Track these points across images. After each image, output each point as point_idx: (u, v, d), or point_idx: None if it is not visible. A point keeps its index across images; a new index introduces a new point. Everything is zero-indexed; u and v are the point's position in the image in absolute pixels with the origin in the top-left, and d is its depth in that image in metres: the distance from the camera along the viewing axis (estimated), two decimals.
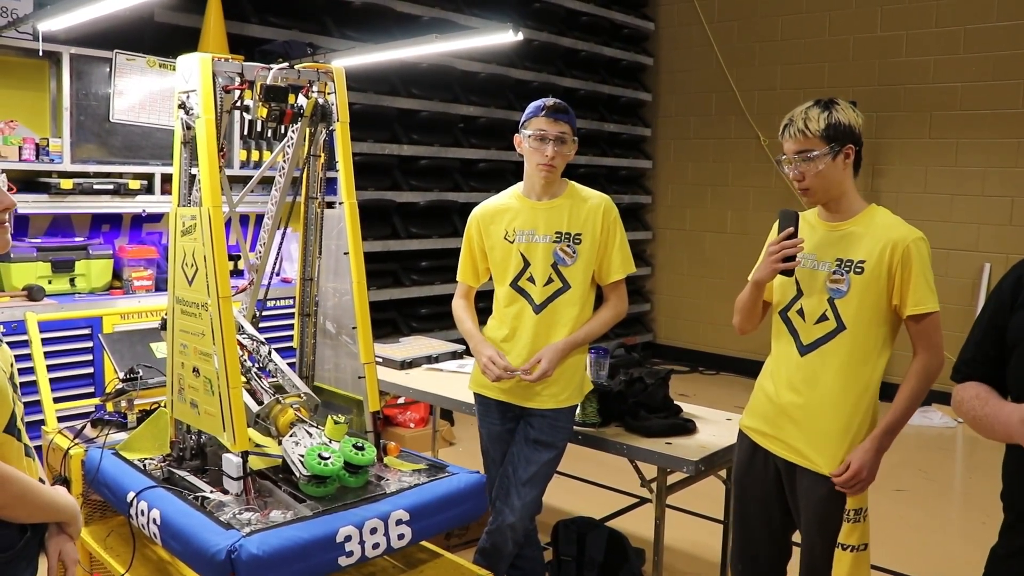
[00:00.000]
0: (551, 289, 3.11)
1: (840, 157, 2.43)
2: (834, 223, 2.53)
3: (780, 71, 7.93)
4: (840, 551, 2.46)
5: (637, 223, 8.94)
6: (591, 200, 3.14)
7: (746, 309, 2.67)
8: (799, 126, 2.43)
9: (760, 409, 2.67)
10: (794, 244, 2.46)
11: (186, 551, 2.30)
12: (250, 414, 2.60)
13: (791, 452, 2.56)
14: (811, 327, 2.53)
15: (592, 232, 3.10)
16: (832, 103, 2.46)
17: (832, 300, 2.48)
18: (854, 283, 2.44)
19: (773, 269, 2.49)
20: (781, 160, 2.51)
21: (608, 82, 8.45)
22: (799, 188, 2.49)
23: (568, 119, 3.07)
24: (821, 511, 2.51)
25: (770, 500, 2.67)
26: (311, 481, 2.42)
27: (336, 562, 2.31)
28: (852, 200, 2.52)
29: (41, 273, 4.13)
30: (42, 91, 4.39)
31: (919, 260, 2.41)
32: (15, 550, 1.74)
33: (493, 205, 3.26)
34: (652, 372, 3.51)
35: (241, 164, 4.89)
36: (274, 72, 2.70)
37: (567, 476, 5.41)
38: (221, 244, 2.52)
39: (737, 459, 2.77)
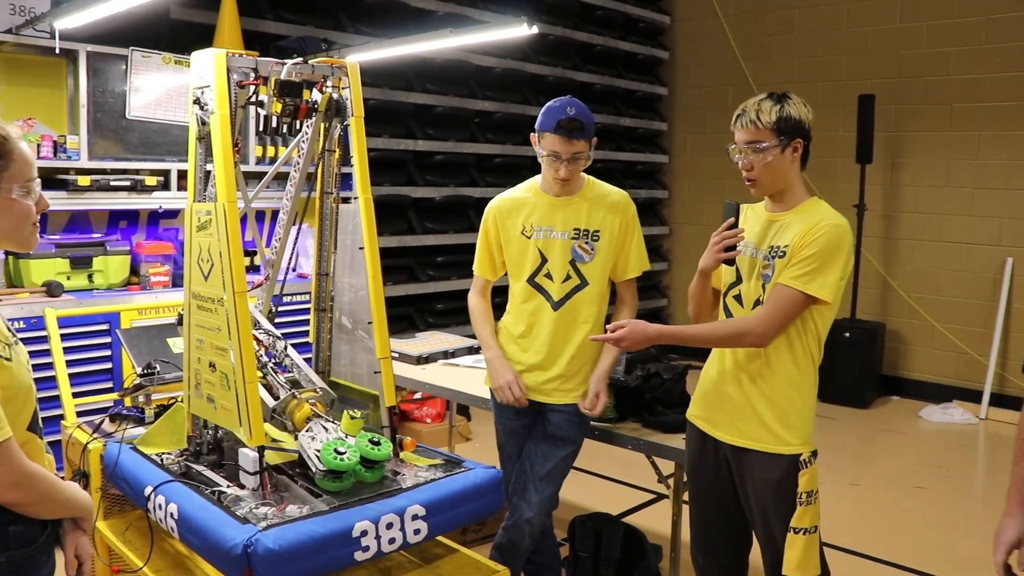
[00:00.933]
0: (569, 286, 3.09)
1: (788, 150, 2.48)
2: (776, 213, 2.59)
3: (798, 64, 7.88)
4: (792, 535, 2.48)
5: (654, 218, 8.90)
6: (610, 196, 3.11)
7: (695, 297, 2.75)
8: (751, 117, 2.47)
9: (705, 396, 2.71)
10: (734, 234, 2.54)
11: (203, 545, 2.31)
12: (266, 409, 2.60)
13: (739, 436, 2.58)
14: (748, 311, 2.59)
15: (611, 229, 3.07)
16: (785, 97, 2.50)
17: (764, 285, 2.55)
18: (776, 267, 2.51)
19: (716, 259, 2.57)
20: (731, 149, 2.55)
21: (624, 76, 8.41)
22: (746, 178, 2.54)
23: (584, 135, 2.94)
24: (775, 495, 2.52)
25: (724, 489, 2.67)
26: (327, 476, 2.42)
27: (352, 557, 2.31)
28: (796, 192, 2.56)
29: (60, 269, 4.15)
30: (60, 89, 4.41)
31: (824, 240, 2.41)
32: (37, 544, 1.77)
33: (510, 198, 3.23)
34: (669, 367, 3.49)
35: (257, 160, 4.90)
36: (288, 67, 2.70)
37: (584, 472, 5.40)
38: (236, 239, 2.52)
39: (689, 450, 2.79)
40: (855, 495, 5.15)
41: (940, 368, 7.26)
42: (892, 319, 7.48)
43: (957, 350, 7.11)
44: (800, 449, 2.51)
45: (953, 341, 7.12)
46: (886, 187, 7.47)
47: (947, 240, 7.22)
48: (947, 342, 7.17)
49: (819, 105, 7.63)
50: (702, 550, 2.79)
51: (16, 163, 1.71)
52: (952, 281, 7.19)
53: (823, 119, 7.55)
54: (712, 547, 2.77)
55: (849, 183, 7.31)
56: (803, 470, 2.50)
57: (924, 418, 6.75)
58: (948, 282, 7.21)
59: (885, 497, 5.13)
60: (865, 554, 4.27)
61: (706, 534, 2.77)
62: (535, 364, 3.10)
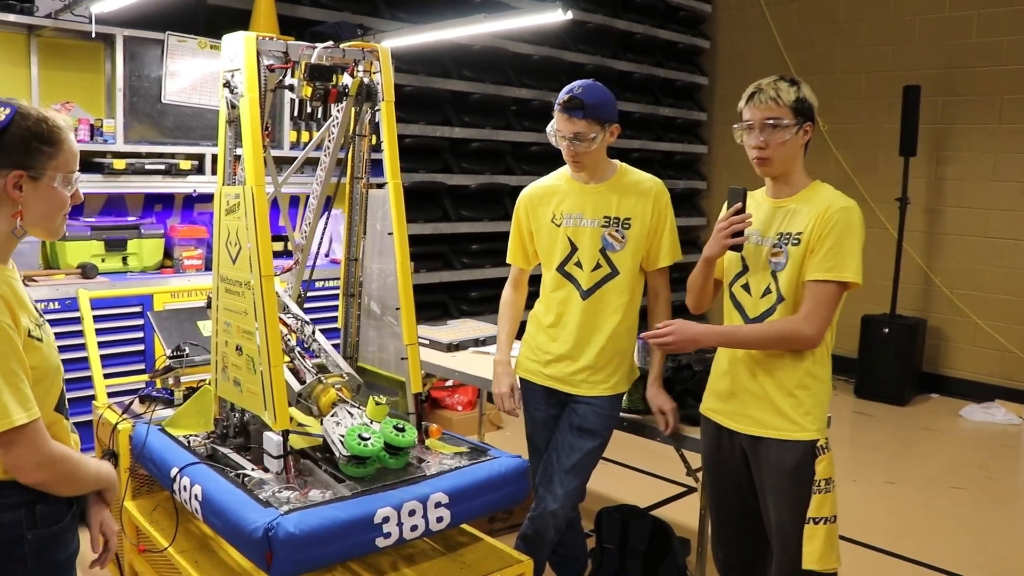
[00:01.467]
0: (599, 275, 3.04)
1: (800, 132, 2.47)
2: (779, 199, 2.56)
3: (840, 54, 7.72)
4: (812, 526, 2.44)
5: (691, 209, 8.81)
6: (643, 184, 3.06)
7: (697, 287, 2.70)
8: (770, 94, 2.45)
9: (718, 388, 2.68)
10: (742, 220, 2.50)
11: (225, 527, 2.32)
12: (292, 393, 2.60)
13: (754, 425, 2.55)
14: (757, 301, 2.56)
15: (643, 217, 3.02)
16: (797, 81, 2.50)
17: (774, 273, 2.51)
18: (791, 255, 2.48)
19: (723, 245, 2.53)
20: (739, 128, 2.53)
21: (663, 65, 8.32)
22: (758, 157, 2.50)
23: (583, 115, 2.88)
24: (791, 483, 2.48)
25: (741, 481, 2.65)
26: (351, 461, 2.41)
27: (374, 543, 2.30)
28: (800, 177, 2.55)
29: (95, 252, 4.20)
30: (98, 73, 4.44)
31: (840, 226, 2.41)
32: (63, 523, 1.80)
33: (541, 186, 3.19)
34: (701, 359, 3.43)
35: (291, 145, 4.91)
36: (318, 51, 2.69)
37: (612, 462, 5.36)
38: (264, 223, 2.51)
39: (704, 444, 2.77)
40: (890, 493, 5.05)
41: (982, 366, 7.10)
42: (934, 315, 7.33)
43: (1001, 348, 6.95)
44: (816, 435, 2.49)
45: (996, 339, 6.96)
46: (930, 181, 7.31)
47: (992, 236, 7.05)
48: (990, 340, 7.01)
49: (862, 96, 7.58)
50: (721, 543, 2.77)
51: (64, 153, 1.76)
52: (997, 278, 7.02)
53: (866, 111, 7.50)
54: (731, 540, 2.75)
55: (891, 176, 7.17)
56: (820, 456, 2.47)
57: (965, 417, 6.61)
58: (992, 278, 7.04)
59: (921, 497, 5.03)
60: (897, 553, 4.19)
61: (724, 528, 2.75)
62: (563, 354, 3.06)
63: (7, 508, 1.72)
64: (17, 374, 1.66)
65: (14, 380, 1.65)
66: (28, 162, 1.71)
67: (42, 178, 1.73)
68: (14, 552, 1.72)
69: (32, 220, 1.76)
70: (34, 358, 1.73)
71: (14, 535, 1.72)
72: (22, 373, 1.68)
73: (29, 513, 1.73)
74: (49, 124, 1.75)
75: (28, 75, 4.24)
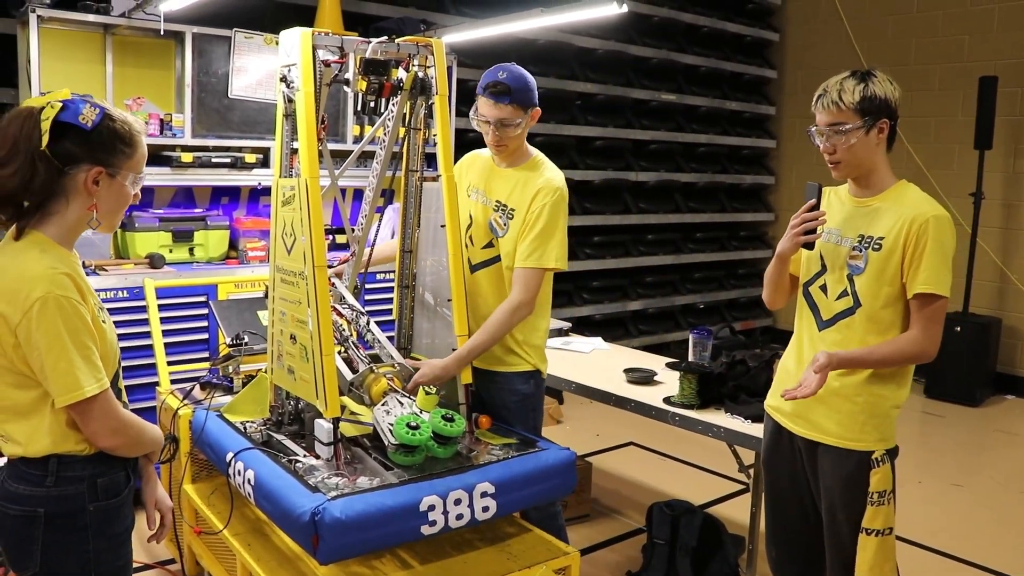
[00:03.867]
0: (487, 254, 3.01)
1: (873, 131, 2.35)
2: (862, 199, 2.46)
3: (915, 45, 7.52)
4: (864, 536, 2.37)
5: (759, 204, 8.67)
6: (536, 179, 2.94)
7: (772, 282, 2.62)
8: (832, 98, 2.35)
9: (782, 388, 2.56)
10: (815, 217, 2.41)
11: (275, 511, 2.38)
12: (344, 382, 2.65)
13: (813, 430, 2.48)
14: (832, 303, 2.46)
15: (521, 211, 2.92)
16: (869, 75, 2.37)
17: (851, 276, 2.41)
18: (871, 260, 2.37)
19: (795, 242, 2.44)
20: (813, 131, 2.43)
21: (731, 59, 8.19)
22: (829, 161, 2.41)
23: (511, 100, 2.82)
24: (845, 492, 2.42)
25: (799, 482, 2.59)
26: (399, 450, 2.44)
27: (419, 530, 2.34)
28: (883, 176, 2.43)
29: (163, 242, 4.32)
30: (168, 69, 4.57)
31: (936, 238, 2.30)
32: (121, 496, 1.90)
33: (475, 154, 3.17)
34: (755, 355, 3.40)
35: (354, 139, 4.98)
36: (373, 45, 2.73)
37: (664, 456, 5.34)
38: (318, 214, 2.56)
39: (765, 441, 2.70)
40: (956, 496, 4.92)
41: None
42: (1009, 314, 7.10)
43: None
44: (873, 446, 2.40)
45: None
46: (1007, 175, 7.08)
47: None
48: None
49: (936, 88, 7.38)
50: (775, 543, 2.72)
51: (138, 155, 1.88)
52: None
53: (940, 103, 7.29)
54: (785, 541, 2.69)
55: (966, 170, 6.97)
56: (874, 469, 2.38)
57: None
58: None
59: (989, 501, 4.88)
60: (960, 558, 4.08)
61: (780, 527, 2.70)
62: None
63: (71, 481, 1.82)
64: (89, 347, 1.76)
65: (87, 353, 1.75)
66: (109, 159, 1.82)
67: (117, 176, 1.84)
68: (77, 523, 1.82)
69: (101, 214, 1.85)
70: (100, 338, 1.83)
71: (77, 507, 1.82)
72: (93, 346, 1.78)
73: (91, 486, 1.83)
74: (130, 126, 1.86)
75: (103, 72, 4.38)
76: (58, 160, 1.76)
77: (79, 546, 1.83)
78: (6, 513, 1.83)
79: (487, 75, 2.88)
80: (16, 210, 1.80)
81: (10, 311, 1.71)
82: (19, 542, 1.82)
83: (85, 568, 1.84)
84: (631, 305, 7.51)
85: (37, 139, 1.73)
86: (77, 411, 1.77)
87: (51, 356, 1.71)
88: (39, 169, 1.74)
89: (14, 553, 1.84)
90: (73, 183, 1.80)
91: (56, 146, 1.75)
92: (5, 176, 1.74)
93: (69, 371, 1.72)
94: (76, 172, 1.79)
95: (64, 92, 1.80)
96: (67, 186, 1.80)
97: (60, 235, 1.82)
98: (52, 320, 1.70)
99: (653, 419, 3.35)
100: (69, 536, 1.82)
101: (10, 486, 1.83)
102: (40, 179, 1.75)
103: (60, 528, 1.81)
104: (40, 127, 1.73)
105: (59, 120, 1.74)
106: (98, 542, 1.85)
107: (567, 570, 2.63)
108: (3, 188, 1.75)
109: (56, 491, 1.80)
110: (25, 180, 1.74)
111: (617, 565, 3.82)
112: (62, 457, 1.81)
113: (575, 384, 3.67)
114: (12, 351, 1.74)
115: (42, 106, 1.76)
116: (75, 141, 1.77)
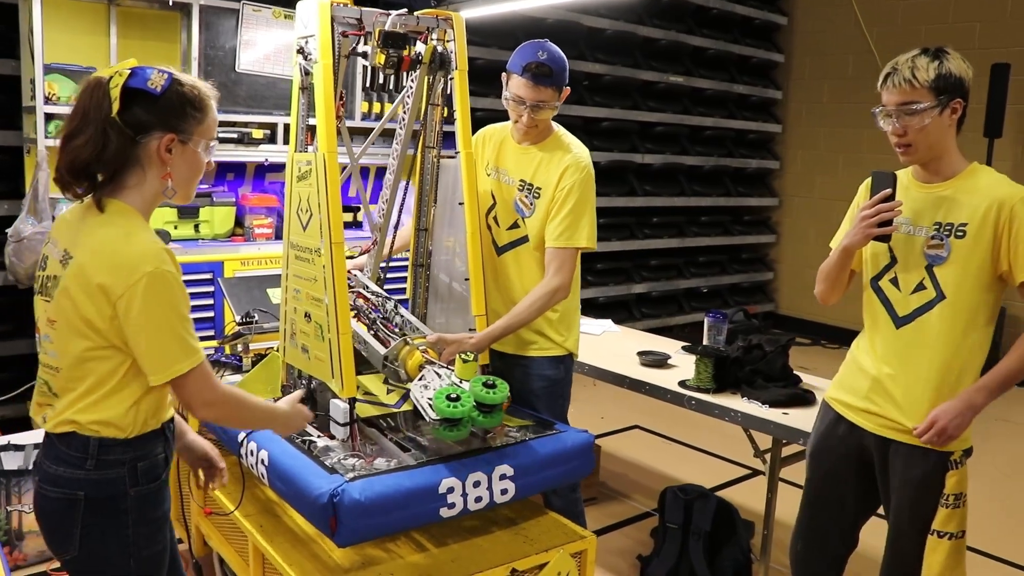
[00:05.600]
0: (514, 235, 2.96)
1: (947, 112, 2.23)
2: (931, 184, 2.34)
3: (925, 31, 7.46)
4: (935, 538, 2.28)
5: (764, 189, 8.63)
6: (563, 155, 2.90)
7: (832, 278, 2.49)
8: (905, 75, 2.22)
9: (852, 382, 2.47)
10: (892, 207, 2.27)
11: (290, 492, 2.33)
12: (378, 357, 2.58)
13: (887, 427, 2.37)
14: (907, 297, 2.34)
15: (549, 188, 2.87)
16: (942, 52, 2.24)
17: (931, 267, 2.30)
18: (955, 248, 2.25)
19: (867, 235, 2.30)
20: (877, 113, 2.31)
21: (739, 41, 8.13)
22: (898, 144, 2.30)
23: (551, 83, 2.77)
24: (914, 492, 2.33)
25: (846, 480, 2.50)
26: (442, 425, 2.36)
27: (437, 513, 2.30)
28: (953, 159, 2.31)
29: (168, 219, 4.25)
30: (173, 43, 4.49)
31: None
32: (160, 480, 1.89)
33: (493, 127, 3.09)
34: (772, 339, 3.37)
35: (362, 116, 4.91)
36: (392, 18, 2.66)
37: (671, 440, 5.31)
38: (335, 190, 2.51)
39: (816, 432, 2.59)
40: None
41: None
42: (1012, 303, 7.07)
43: None
44: (952, 447, 2.28)
45: None
46: (1016, 162, 7.04)
47: None
48: None
49: None
50: (805, 538, 2.63)
51: (209, 120, 1.86)
52: None
53: None
54: (816, 536, 2.60)
55: (975, 158, 6.75)
56: (952, 470, 2.27)
57: None
58: None
59: (993, 491, 4.84)
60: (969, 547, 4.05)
61: (814, 521, 2.60)
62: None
63: (113, 465, 1.79)
64: (189, 320, 1.78)
65: (187, 326, 1.77)
66: (180, 125, 1.79)
67: (189, 142, 1.81)
68: (119, 506, 1.81)
69: (176, 183, 1.84)
70: None
71: (118, 491, 1.80)
72: (191, 319, 1.79)
73: (131, 470, 1.81)
74: (200, 91, 1.84)
75: (107, 44, 4.30)
76: (129, 128, 1.74)
77: (119, 530, 1.81)
78: (46, 495, 1.81)
79: (524, 54, 2.79)
80: (91, 182, 1.78)
81: (113, 283, 1.69)
82: (59, 524, 1.81)
83: (125, 552, 1.82)
84: (635, 288, 7.48)
85: (107, 107, 1.71)
86: (173, 384, 1.78)
87: (152, 331, 1.71)
88: (111, 137, 1.72)
89: (54, 535, 1.84)
90: (146, 152, 1.77)
91: (126, 114, 1.73)
92: (79, 146, 1.73)
93: (168, 346, 1.73)
94: (148, 140, 1.76)
95: (131, 61, 1.78)
96: (140, 156, 1.78)
97: (142, 207, 1.81)
98: (159, 295, 1.70)
99: (669, 403, 3.32)
100: (109, 520, 1.81)
101: (49, 468, 1.81)
102: (112, 148, 1.73)
103: (101, 512, 1.80)
104: (110, 95, 1.71)
105: (128, 86, 1.72)
106: (138, 527, 1.83)
107: (583, 554, 2.60)
108: (78, 158, 1.74)
109: (96, 475, 1.78)
110: (98, 149, 1.73)
111: (627, 549, 3.79)
112: (103, 440, 1.78)
113: (588, 366, 3.63)
114: (107, 323, 1.72)
115: (110, 75, 1.74)
116: (145, 107, 1.75)
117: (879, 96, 2.31)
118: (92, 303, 1.71)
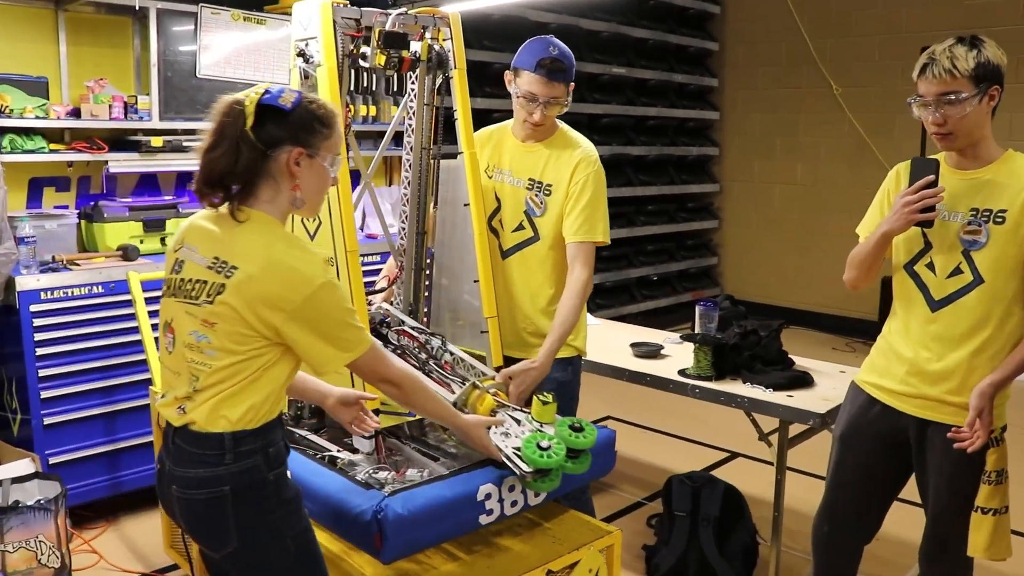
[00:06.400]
0: (520, 236, 2.93)
1: (985, 99, 2.26)
2: (967, 171, 2.38)
3: (855, 16, 7.63)
4: (980, 515, 2.33)
5: (704, 175, 8.74)
6: (571, 150, 2.89)
7: (867, 264, 2.49)
8: (945, 65, 2.24)
9: (887, 366, 2.51)
10: (935, 193, 2.31)
11: (323, 511, 2.25)
12: None
13: (926, 409, 2.41)
14: (943, 281, 2.38)
15: (563, 184, 2.87)
16: (978, 40, 2.29)
17: (967, 252, 2.34)
18: (993, 233, 2.30)
19: (910, 220, 2.32)
20: (914, 103, 2.33)
21: (676, 31, 8.22)
22: (938, 133, 2.32)
23: (565, 78, 2.75)
24: (954, 470, 2.37)
25: (875, 463, 2.55)
26: (536, 477, 2.28)
27: (477, 520, 2.27)
28: (990, 146, 2.35)
29: (133, 233, 4.07)
30: (126, 48, 4.32)
31: None
32: (285, 464, 1.98)
33: (486, 130, 3.05)
34: (765, 324, 3.42)
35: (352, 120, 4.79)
36: (392, 17, 2.61)
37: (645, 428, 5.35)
38: (347, 196, 2.46)
39: (848, 415, 2.62)
40: None
41: None
42: None
43: None
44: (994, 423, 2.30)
45: None
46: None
47: None
48: None
49: (879, 59, 7.51)
50: (831, 520, 2.66)
51: (335, 135, 1.95)
52: None
53: (881, 73, 7.42)
54: (842, 518, 2.64)
55: (909, 139, 7.11)
56: (993, 448, 2.31)
57: None
58: None
59: None
60: None
61: (842, 504, 2.64)
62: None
63: (249, 454, 1.87)
64: (354, 310, 1.93)
65: (355, 316, 1.92)
66: (308, 140, 1.89)
67: (316, 156, 1.91)
68: (263, 492, 1.89)
69: (304, 194, 1.93)
70: None
71: (260, 477, 1.88)
72: (353, 308, 1.94)
73: (264, 456, 1.89)
74: (326, 108, 1.94)
75: (57, 52, 4.12)
76: (261, 142, 1.84)
77: (267, 515, 1.90)
78: (193, 499, 1.88)
79: (534, 50, 2.75)
80: (225, 192, 1.88)
81: (289, 295, 1.81)
82: (214, 523, 1.89)
83: (278, 535, 1.92)
84: None
85: (242, 123, 1.83)
86: (352, 366, 1.95)
87: (329, 331, 1.86)
88: (243, 150, 1.83)
89: (212, 535, 1.92)
90: (277, 165, 1.87)
91: (259, 129, 1.83)
92: (215, 157, 1.85)
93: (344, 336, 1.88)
94: (278, 153, 1.86)
95: (263, 86, 1.89)
96: (272, 169, 1.88)
97: (279, 218, 1.92)
98: (332, 301, 1.85)
99: (671, 392, 3.34)
100: (257, 507, 1.89)
101: (187, 472, 1.88)
102: (244, 160, 1.83)
103: (248, 501, 1.88)
104: (245, 111, 1.83)
105: (261, 103, 1.84)
106: (282, 509, 1.92)
107: (610, 549, 2.59)
108: (214, 169, 1.85)
109: (237, 466, 1.86)
110: (231, 162, 1.84)
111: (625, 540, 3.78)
112: (235, 433, 1.86)
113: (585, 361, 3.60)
114: (277, 327, 1.82)
115: (246, 95, 1.86)
116: (276, 123, 1.85)
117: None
118: (266, 309, 1.81)
